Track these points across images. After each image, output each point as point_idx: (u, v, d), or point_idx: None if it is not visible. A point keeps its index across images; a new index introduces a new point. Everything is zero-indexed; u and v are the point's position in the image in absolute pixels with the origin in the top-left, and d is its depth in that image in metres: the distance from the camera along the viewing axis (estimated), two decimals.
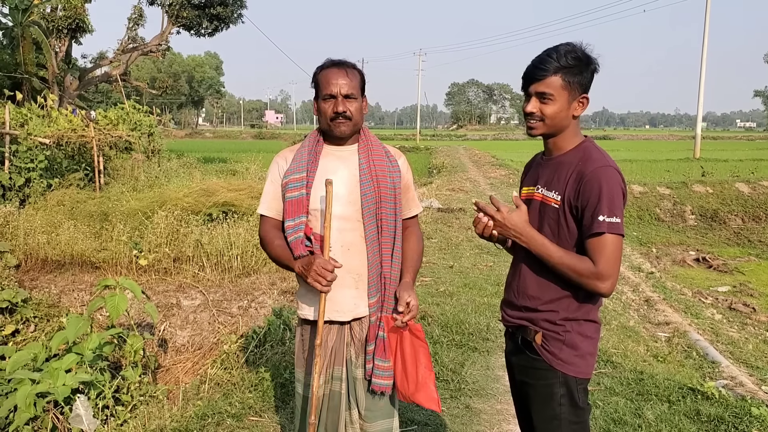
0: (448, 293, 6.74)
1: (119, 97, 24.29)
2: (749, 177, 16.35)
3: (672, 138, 73.04)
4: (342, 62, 2.39)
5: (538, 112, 2.09)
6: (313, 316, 2.40)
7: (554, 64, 2.03)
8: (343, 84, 2.32)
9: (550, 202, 2.10)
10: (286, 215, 2.38)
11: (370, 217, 2.37)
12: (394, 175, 2.44)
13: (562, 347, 2.09)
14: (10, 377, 4.24)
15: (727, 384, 4.73)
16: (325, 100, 2.35)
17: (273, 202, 2.44)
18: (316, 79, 2.40)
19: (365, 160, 2.41)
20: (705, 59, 28.18)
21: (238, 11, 24.89)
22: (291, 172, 2.39)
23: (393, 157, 2.50)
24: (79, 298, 7.50)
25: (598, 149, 2.09)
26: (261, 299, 6.96)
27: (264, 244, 2.47)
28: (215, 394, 4.25)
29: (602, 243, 1.96)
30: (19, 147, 11.42)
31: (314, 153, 2.41)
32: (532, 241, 2.08)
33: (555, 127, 2.11)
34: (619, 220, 1.95)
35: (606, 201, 1.95)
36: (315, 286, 2.24)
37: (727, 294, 9.03)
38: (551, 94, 2.05)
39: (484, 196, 15.77)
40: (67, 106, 19.46)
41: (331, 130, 2.37)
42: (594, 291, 2.01)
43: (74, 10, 20.71)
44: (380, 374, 2.37)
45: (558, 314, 2.09)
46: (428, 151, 37.11)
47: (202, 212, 9.27)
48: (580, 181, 2.01)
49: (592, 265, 1.97)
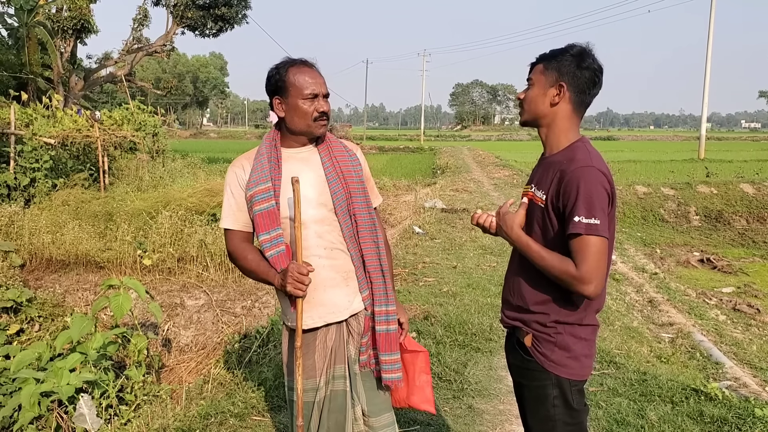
0: (451, 293, 6.73)
1: (124, 98, 24.37)
2: (754, 178, 16.29)
3: (676, 138, 72.91)
4: (312, 62, 2.36)
5: (522, 97, 2.17)
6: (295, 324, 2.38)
7: (543, 55, 2.13)
8: (321, 83, 2.30)
9: (537, 201, 2.10)
10: (260, 229, 2.28)
11: (344, 214, 2.34)
12: (357, 169, 2.41)
13: (554, 349, 2.06)
14: (15, 376, 4.27)
15: (730, 385, 4.72)
16: (306, 100, 2.28)
17: (238, 213, 2.34)
18: (284, 77, 2.30)
19: (327, 159, 2.37)
20: (710, 60, 28.10)
21: (242, 12, 24.94)
22: (254, 183, 2.29)
23: (351, 150, 2.47)
24: (83, 297, 7.53)
25: (585, 149, 2.06)
26: (265, 299, 6.97)
27: (235, 259, 2.38)
28: (218, 393, 4.26)
29: (581, 245, 1.93)
30: (24, 147, 11.47)
31: (275, 159, 2.34)
32: (519, 239, 2.10)
33: (533, 113, 2.14)
34: (599, 221, 1.91)
35: (583, 202, 1.92)
36: (296, 293, 2.18)
37: (732, 295, 9.00)
38: (531, 80, 2.14)
39: (487, 196, 15.76)
40: (72, 106, 19.51)
41: (312, 131, 2.32)
42: (579, 293, 1.98)
43: (79, 10, 20.77)
44: (388, 368, 2.35)
45: (549, 316, 2.06)
46: (432, 152, 37.13)
47: (206, 212, 9.30)
48: (561, 181, 1.99)
49: (573, 267, 1.94)
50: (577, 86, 2.07)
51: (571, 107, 2.09)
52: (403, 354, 2.42)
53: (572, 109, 2.10)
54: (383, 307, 2.37)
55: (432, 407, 2.41)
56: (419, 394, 2.39)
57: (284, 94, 2.31)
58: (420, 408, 2.42)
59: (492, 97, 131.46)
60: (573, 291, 1.99)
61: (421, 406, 2.41)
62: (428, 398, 2.40)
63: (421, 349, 2.47)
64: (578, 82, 2.07)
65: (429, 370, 2.44)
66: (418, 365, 2.41)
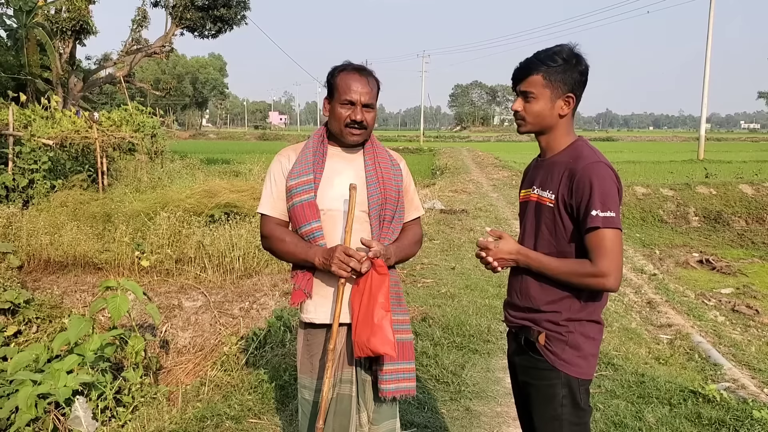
0: (449, 295, 6.73)
1: (123, 99, 24.35)
2: (753, 178, 16.27)
3: (676, 139, 72.95)
4: (364, 68, 2.36)
5: (522, 110, 2.15)
6: (320, 319, 2.37)
7: (537, 65, 2.08)
8: (364, 92, 2.29)
9: (545, 201, 2.12)
10: (300, 220, 2.32)
11: (376, 219, 2.37)
12: (397, 178, 2.44)
13: (565, 348, 2.10)
14: (12, 378, 4.25)
15: (729, 387, 4.71)
16: (343, 105, 2.30)
17: (278, 201, 2.39)
18: (333, 80, 2.34)
19: (371, 163, 2.40)
20: (709, 60, 28.11)
21: (241, 13, 24.90)
22: (296, 174, 2.34)
23: (395, 161, 2.50)
24: (81, 299, 7.51)
25: (589, 147, 2.11)
26: (263, 301, 6.96)
27: (270, 242, 2.39)
28: (215, 395, 4.25)
29: (599, 238, 1.97)
30: (22, 148, 11.46)
31: (320, 154, 2.38)
32: (529, 260, 2.13)
33: (540, 125, 2.15)
34: (614, 214, 1.96)
35: (598, 196, 1.96)
36: (339, 273, 2.19)
37: (731, 296, 8.99)
38: (533, 93, 2.11)
39: (486, 197, 15.76)
40: (71, 107, 19.48)
41: (343, 136, 2.34)
42: (600, 289, 2.03)
43: (78, 11, 20.73)
44: (402, 377, 2.35)
45: (561, 315, 2.10)
46: (431, 153, 37.13)
47: (204, 213, 9.29)
48: (572, 178, 2.03)
49: (590, 264, 1.98)
50: (580, 92, 2.14)
51: (572, 111, 2.15)
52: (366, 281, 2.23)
53: (572, 113, 2.16)
54: (396, 316, 2.36)
55: (393, 350, 2.16)
56: (380, 335, 2.14)
57: (330, 96, 2.38)
58: (381, 352, 2.16)
59: (491, 98, 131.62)
60: (595, 288, 2.03)
61: (382, 350, 2.15)
62: (389, 339, 2.15)
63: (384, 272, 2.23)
64: (581, 88, 2.13)
65: (389, 305, 2.20)
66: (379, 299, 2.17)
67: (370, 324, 2.16)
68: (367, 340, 2.16)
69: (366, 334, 2.16)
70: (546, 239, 2.12)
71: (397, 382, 2.35)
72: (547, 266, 2.08)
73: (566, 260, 2.05)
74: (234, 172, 17.16)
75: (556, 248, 2.10)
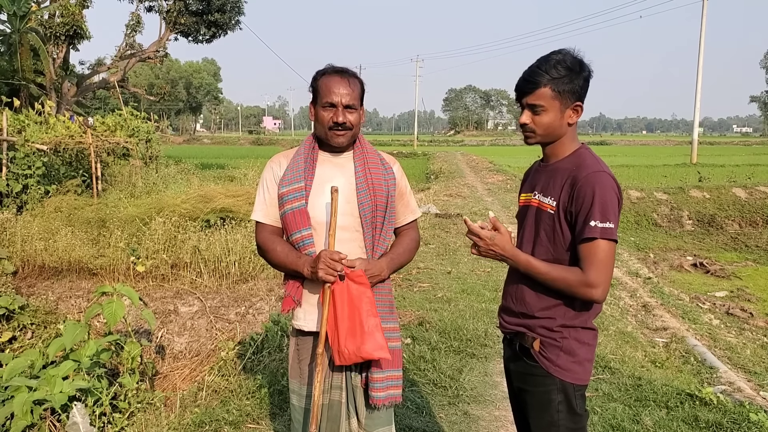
0: (446, 299, 6.73)
1: (117, 104, 24.27)
2: (746, 182, 16.38)
3: (669, 143, 73.31)
4: (344, 70, 2.36)
5: (531, 123, 2.12)
6: (308, 327, 2.37)
7: (544, 76, 2.04)
8: (344, 94, 2.29)
9: (545, 207, 2.12)
10: (291, 227, 2.33)
11: (368, 226, 2.36)
12: (389, 183, 2.43)
13: (560, 354, 2.09)
14: (7, 384, 4.22)
15: (725, 389, 4.73)
16: (325, 108, 2.31)
17: (270, 209, 2.40)
18: (315, 84, 2.36)
19: (361, 168, 2.39)
20: (701, 65, 28.31)
21: (235, 18, 24.91)
22: (288, 181, 2.34)
23: (388, 164, 2.48)
24: (76, 304, 7.47)
25: (592, 155, 2.11)
26: (259, 305, 6.94)
27: (264, 251, 2.41)
28: (212, 401, 4.24)
29: (593, 249, 1.97)
30: (16, 153, 11.40)
31: (310, 160, 2.38)
32: (518, 260, 2.11)
33: (550, 136, 2.13)
34: (612, 225, 1.96)
35: (598, 206, 1.96)
36: (326, 279, 2.19)
37: (725, 299, 9.03)
38: (542, 106, 2.07)
39: (481, 201, 15.78)
40: (65, 112, 19.45)
41: (328, 139, 2.35)
42: (586, 299, 2.02)
43: (72, 16, 20.69)
44: (391, 384, 2.36)
45: (555, 321, 2.10)
46: (426, 157, 37.14)
47: (199, 218, 9.26)
48: (574, 186, 2.03)
49: (581, 273, 1.98)
50: (584, 98, 2.13)
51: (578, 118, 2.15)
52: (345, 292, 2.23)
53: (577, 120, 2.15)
54: (386, 324, 2.36)
55: (386, 353, 2.19)
56: (370, 341, 2.17)
57: (313, 100, 2.39)
58: (373, 357, 2.18)
59: (485, 103, 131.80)
60: (581, 297, 2.02)
61: (375, 354, 2.17)
62: (381, 343, 2.18)
63: (363, 281, 2.26)
64: (586, 94, 2.12)
65: (376, 312, 2.22)
66: (364, 308, 2.20)
67: (360, 333, 2.18)
68: (357, 349, 2.17)
69: (355, 344, 2.18)
70: (544, 245, 2.11)
71: (387, 390, 2.36)
72: (535, 268, 2.06)
73: (556, 266, 2.05)
74: (229, 177, 17.12)
75: (553, 255, 2.09)
